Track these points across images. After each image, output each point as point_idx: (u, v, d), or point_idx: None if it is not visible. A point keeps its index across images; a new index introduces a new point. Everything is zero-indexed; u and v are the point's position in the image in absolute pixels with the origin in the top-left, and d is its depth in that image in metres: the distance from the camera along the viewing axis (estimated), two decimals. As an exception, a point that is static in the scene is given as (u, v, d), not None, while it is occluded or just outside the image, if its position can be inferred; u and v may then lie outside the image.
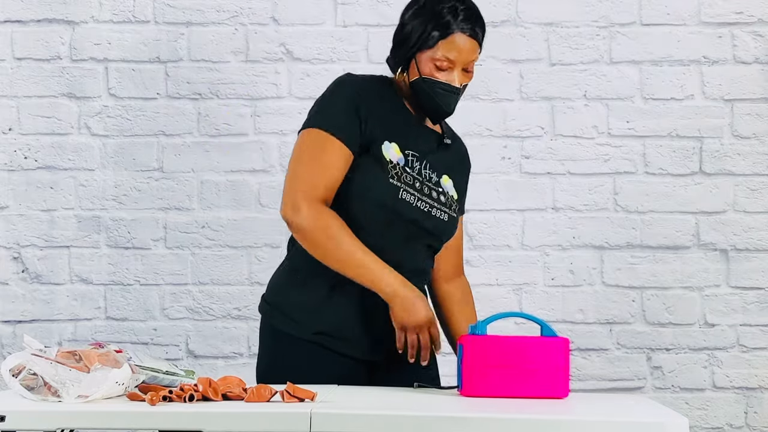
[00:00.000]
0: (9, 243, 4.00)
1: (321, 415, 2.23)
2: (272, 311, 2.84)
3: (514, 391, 2.52)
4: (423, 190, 2.80)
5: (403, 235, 2.78)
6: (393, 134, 2.79)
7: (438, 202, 2.83)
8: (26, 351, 2.41)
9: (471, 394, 2.53)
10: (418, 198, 2.79)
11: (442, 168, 2.87)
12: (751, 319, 4.01)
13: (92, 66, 4.01)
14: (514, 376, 2.53)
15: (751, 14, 4.00)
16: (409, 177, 2.78)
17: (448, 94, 2.79)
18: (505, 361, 2.54)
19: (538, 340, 2.56)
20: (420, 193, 2.79)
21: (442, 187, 2.85)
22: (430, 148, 2.85)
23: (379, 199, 2.75)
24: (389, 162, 2.77)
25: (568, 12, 4.01)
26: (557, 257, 4.02)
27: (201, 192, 4.01)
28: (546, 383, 2.53)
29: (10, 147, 4.01)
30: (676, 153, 4.01)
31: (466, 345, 2.55)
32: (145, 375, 2.48)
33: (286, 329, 2.79)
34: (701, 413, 4.00)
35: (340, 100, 2.78)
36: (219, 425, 2.24)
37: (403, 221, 2.77)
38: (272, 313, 2.83)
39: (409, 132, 2.83)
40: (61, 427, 2.26)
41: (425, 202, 2.80)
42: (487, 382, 2.53)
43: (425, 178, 2.82)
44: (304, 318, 2.79)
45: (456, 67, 2.78)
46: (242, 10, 4.01)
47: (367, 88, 2.81)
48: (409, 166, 2.79)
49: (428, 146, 2.85)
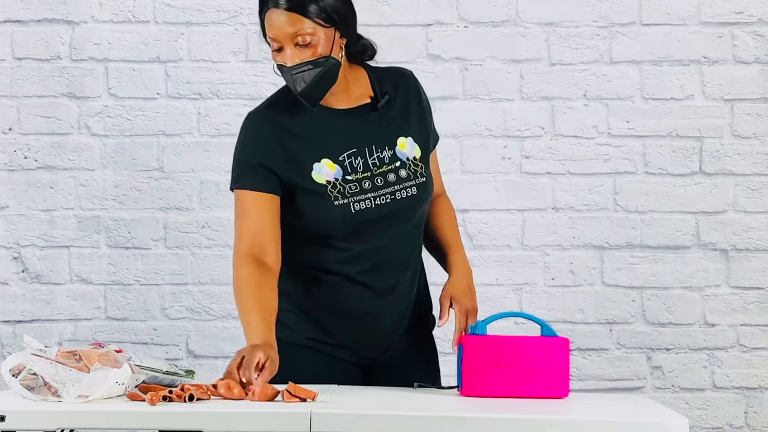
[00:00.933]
0: (9, 243, 4.00)
1: (321, 415, 2.23)
2: None
3: (514, 391, 2.52)
4: (376, 184, 2.71)
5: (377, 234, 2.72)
6: (318, 150, 2.70)
7: (399, 181, 2.72)
8: (26, 351, 2.41)
9: (471, 394, 2.53)
10: (373, 197, 2.71)
11: (392, 135, 2.75)
12: (751, 319, 4.01)
13: (92, 66, 4.01)
14: (514, 376, 2.53)
15: (751, 14, 4.00)
16: (353, 185, 2.69)
17: (288, 77, 2.64)
18: (505, 361, 2.54)
19: (538, 340, 2.56)
20: (373, 191, 2.71)
21: (400, 157, 2.73)
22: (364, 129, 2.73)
23: (333, 221, 2.69)
24: (327, 184, 2.69)
25: (568, 12, 4.01)
26: (557, 257, 4.02)
27: (201, 192, 4.01)
28: (546, 383, 2.53)
29: (10, 147, 4.01)
30: (676, 153, 4.01)
31: (466, 345, 2.55)
32: (145, 375, 2.48)
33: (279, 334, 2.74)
34: (701, 413, 4.00)
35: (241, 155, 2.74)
36: (219, 425, 2.24)
37: (370, 224, 2.71)
38: None
39: (334, 133, 2.72)
40: (61, 427, 2.25)
41: (384, 195, 2.71)
42: (487, 382, 2.53)
43: (375, 167, 2.71)
44: (295, 324, 2.79)
45: (285, 44, 2.61)
46: (242, 10, 4.01)
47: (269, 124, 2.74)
48: (350, 171, 2.70)
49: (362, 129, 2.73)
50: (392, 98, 2.77)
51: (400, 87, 2.80)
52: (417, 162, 2.76)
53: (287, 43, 2.61)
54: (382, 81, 2.79)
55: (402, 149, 2.75)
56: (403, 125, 2.77)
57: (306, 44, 2.60)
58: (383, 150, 2.74)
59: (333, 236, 2.71)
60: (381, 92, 2.77)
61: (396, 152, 2.75)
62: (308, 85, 2.64)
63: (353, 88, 2.76)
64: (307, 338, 2.78)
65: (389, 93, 2.78)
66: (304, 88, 2.64)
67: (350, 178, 2.70)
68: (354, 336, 2.78)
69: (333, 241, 2.72)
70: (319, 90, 2.66)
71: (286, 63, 2.62)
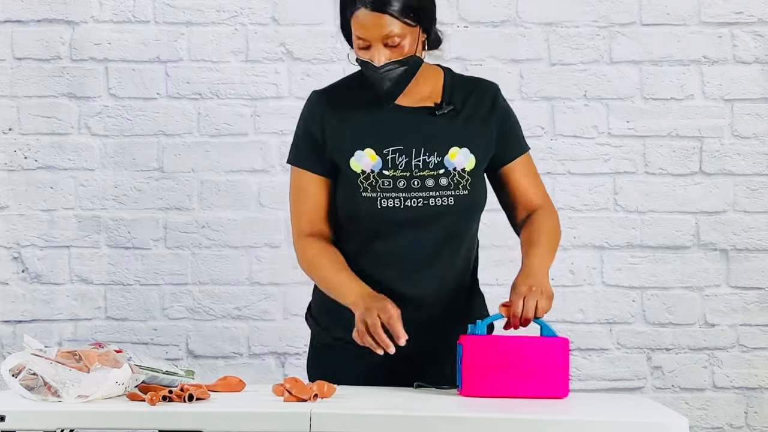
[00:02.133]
0: (9, 243, 4.00)
1: (321, 415, 2.23)
2: (307, 317, 2.92)
3: (513, 391, 2.52)
4: (412, 186, 2.71)
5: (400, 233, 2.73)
6: (366, 139, 2.72)
7: (437, 188, 2.72)
8: (26, 351, 2.41)
9: (471, 394, 2.53)
10: (404, 198, 2.71)
11: (446, 143, 2.73)
12: (751, 319, 4.01)
13: (92, 66, 4.01)
14: (514, 376, 2.53)
15: (751, 14, 4.00)
16: (387, 180, 2.71)
17: (373, 74, 2.67)
18: (505, 361, 2.53)
19: (537, 340, 2.56)
20: (406, 191, 2.71)
21: (447, 165, 2.72)
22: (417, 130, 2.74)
23: (358, 213, 2.73)
24: (361, 174, 2.71)
25: (568, 12, 4.01)
26: (557, 257, 3.99)
27: (201, 192, 4.01)
28: (546, 383, 2.53)
29: (10, 147, 4.01)
30: (676, 153, 4.01)
31: (466, 345, 2.55)
32: (145, 375, 2.48)
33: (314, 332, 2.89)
34: (701, 413, 4.00)
35: (299, 129, 2.83)
36: (219, 425, 2.24)
37: (393, 225, 2.72)
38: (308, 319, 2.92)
39: (385, 126, 2.74)
40: (61, 427, 2.26)
41: (416, 198, 2.71)
42: (487, 382, 2.52)
43: (417, 169, 2.71)
44: (326, 323, 2.84)
45: (373, 44, 2.64)
46: (242, 10, 4.01)
47: (325, 102, 2.79)
48: (391, 167, 2.71)
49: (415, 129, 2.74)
50: (457, 110, 2.77)
51: (472, 98, 2.79)
52: (464, 174, 2.74)
53: (376, 43, 2.64)
54: (455, 89, 2.80)
55: (452, 158, 2.74)
56: (461, 136, 2.75)
57: (395, 45, 2.64)
58: (431, 155, 2.73)
59: (359, 229, 2.75)
60: (449, 101, 2.77)
61: (444, 160, 2.73)
62: (392, 83, 2.68)
63: (422, 87, 2.78)
64: (335, 339, 2.81)
65: (455, 105, 2.77)
66: (389, 86, 2.68)
67: (387, 174, 2.72)
68: None
69: (359, 233, 2.76)
70: (400, 87, 2.71)
71: (374, 61, 2.65)
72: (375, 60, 2.64)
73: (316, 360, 2.87)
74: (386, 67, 2.65)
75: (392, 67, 2.66)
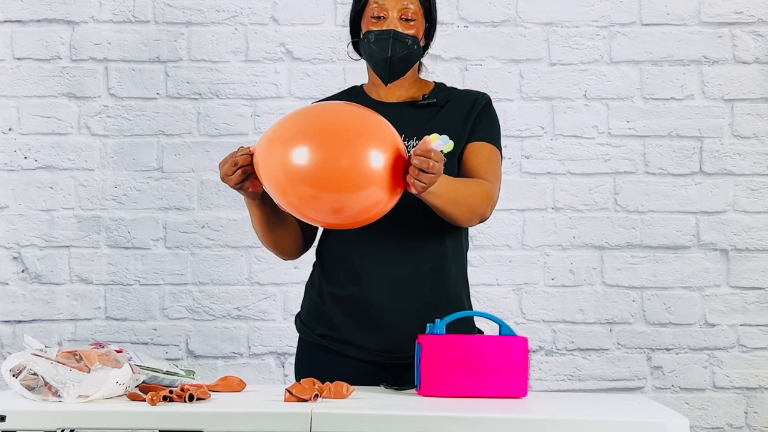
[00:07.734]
0: (9, 243, 4.00)
1: (321, 415, 2.23)
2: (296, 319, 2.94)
3: (473, 390, 2.51)
4: None
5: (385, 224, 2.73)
6: None
7: None
8: (26, 351, 2.41)
9: (429, 393, 2.52)
10: None
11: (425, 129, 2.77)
12: (751, 319, 4.01)
13: (92, 66, 4.01)
14: (473, 375, 2.51)
15: (751, 14, 4.00)
16: None
17: (381, 40, 2.75)
18: (464, 360, 2.51)
19: (497, 340, 2.54)
20: None
21: None
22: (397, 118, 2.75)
23: None
24: None
25: (568, 12, 4.01)
26: (557, 257, 4.02)
27: (201, 192, 4.01)
28: (505, 382, 2.52)
29: (10, 147, 4.01)
30: (676, 153, 4.01)
31: (425, 345, 2.53)
32: (145, 375, 2.48)
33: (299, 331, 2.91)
34: (701, 413, 4.00)
35: None
36: (219, 425, 2.24)
37: None
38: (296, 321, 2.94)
39: None
40: (61, 427, 2.26)
41: None
42: (446, 381, 2.50)
43: None
44: (311, 322, 2.87)
45: (390, 13, 2.76)
46: (242, 10, 4.01)
47: None
48: None
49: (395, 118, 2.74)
50: (439, 105, 2.85)
51: (456, 99, 2.88)
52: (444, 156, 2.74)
53: (393, 11, 2.76)
54: (441, 92, 2.88)
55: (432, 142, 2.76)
56: (440, 124, 2.82)
57: (408, 19, 2.76)
58: (410, 140, 2.80)
59: None
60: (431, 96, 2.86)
61: None
62: (398, 55, 2.75)
63: (409, 90, 2.87)
64: (318, 335, 2.84)
65: (438, 101, 2.86)
66: (395, 54, 2.75)
67: None
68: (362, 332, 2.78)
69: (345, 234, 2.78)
70: (401, 67, 2.78)
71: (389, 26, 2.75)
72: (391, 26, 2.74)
73: (302, 359, 2.90)
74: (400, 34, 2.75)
75: (405, 38, 2.75)
